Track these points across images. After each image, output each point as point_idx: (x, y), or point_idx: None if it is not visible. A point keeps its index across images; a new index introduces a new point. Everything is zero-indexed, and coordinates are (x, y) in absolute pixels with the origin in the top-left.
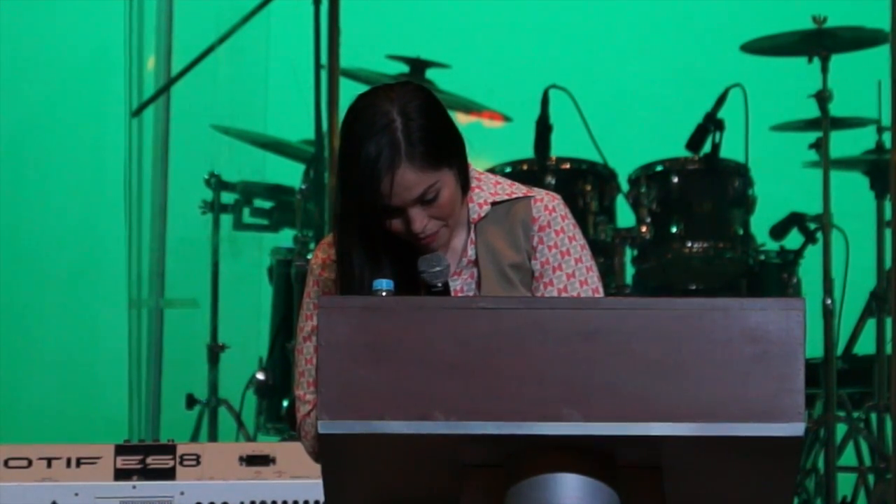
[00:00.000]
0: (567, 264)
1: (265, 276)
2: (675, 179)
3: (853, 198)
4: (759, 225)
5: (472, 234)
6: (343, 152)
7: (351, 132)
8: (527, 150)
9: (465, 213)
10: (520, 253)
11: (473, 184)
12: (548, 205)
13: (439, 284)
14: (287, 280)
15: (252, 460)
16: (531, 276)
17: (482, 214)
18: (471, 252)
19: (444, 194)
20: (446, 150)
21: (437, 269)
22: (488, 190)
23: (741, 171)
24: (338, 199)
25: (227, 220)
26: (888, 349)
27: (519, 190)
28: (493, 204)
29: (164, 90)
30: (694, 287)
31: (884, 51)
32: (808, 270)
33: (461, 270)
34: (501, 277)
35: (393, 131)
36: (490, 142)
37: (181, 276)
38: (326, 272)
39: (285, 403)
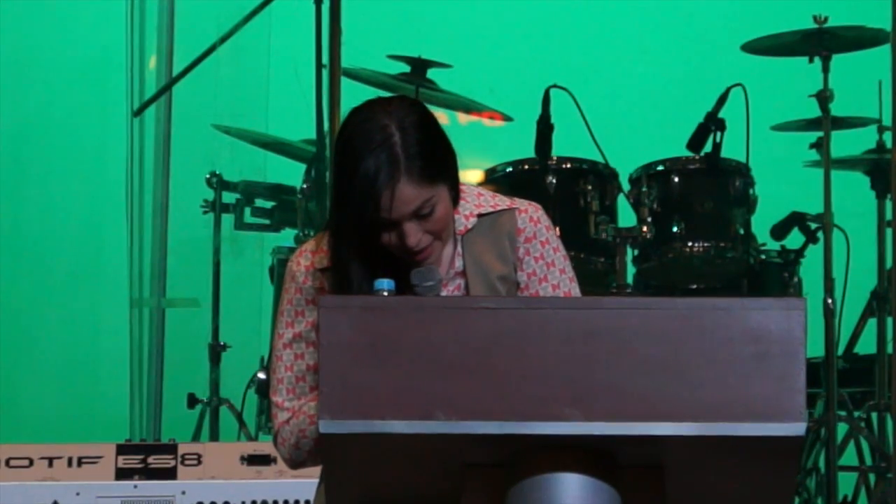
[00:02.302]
0: (552, 275)
1: (266, 276)
2: (676, 179)
3: (854, 197)
4: (760, 224)
5: (459, 247)
6: (340, 166)
7: (349, 146)
8: (528, 150)
9: (452, 226)
10: (507, 265)
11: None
12: (532, 216)
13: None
14: None
15: (253, 460)
16: (516, 287)
17: (469, 227)
18: (458, 263)
19: (439, 209)
20: (442, 165)
21: (431, 283)
22: (472, 202)
23: (742, 171)
24: (333, 212)
25: (228, 219)
26: (889, 349)
27: (502, 202)
28: (479, 216)
29: (165, 90)
30: (695, 287)
31: (885, 51)
32: (809, 270)
33: (447, 281)
34: (490, 289)
35: (392, 146)
36: (491, 141)
37: (182, 276)
38: (310, 280)
39: None
